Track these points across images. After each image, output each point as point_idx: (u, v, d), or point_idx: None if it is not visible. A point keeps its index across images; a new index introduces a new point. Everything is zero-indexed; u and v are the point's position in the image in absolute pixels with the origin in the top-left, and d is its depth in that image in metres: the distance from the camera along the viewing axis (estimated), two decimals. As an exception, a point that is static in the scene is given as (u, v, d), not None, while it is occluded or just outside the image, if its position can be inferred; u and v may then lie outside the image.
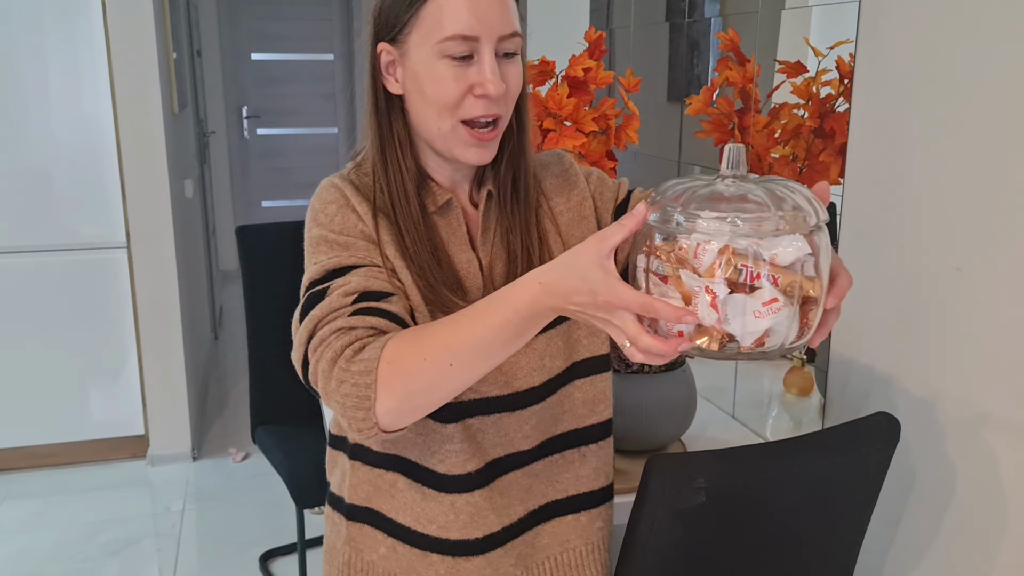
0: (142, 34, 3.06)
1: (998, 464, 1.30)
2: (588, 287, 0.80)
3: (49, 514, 2.98)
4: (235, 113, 5.89)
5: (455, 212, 1.08)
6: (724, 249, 0.75)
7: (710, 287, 0.76)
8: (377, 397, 0.88)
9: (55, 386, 3.24)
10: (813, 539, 1.30)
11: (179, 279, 3.28)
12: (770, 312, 0.76)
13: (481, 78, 0.98)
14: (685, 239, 0.77)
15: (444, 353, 0.87)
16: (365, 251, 1.00)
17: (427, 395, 0.90)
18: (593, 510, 1.20)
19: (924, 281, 1.41)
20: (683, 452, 1.67)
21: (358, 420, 0.90)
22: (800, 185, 0.81)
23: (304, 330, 0.96)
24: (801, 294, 0.77)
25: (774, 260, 0.76)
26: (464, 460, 1.08)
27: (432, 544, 1.11)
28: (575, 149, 1.76)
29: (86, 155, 3.12)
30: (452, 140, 1.02)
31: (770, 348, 0.78)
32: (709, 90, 2.09)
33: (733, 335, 0.77)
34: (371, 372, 0.88)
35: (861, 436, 1.27)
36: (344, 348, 0.91)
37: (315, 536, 2.69)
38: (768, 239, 0.75)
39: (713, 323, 0.77)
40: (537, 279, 0.84)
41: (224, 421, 3.74)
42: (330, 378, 0.90)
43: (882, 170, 1.50)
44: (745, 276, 0.75)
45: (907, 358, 1.46)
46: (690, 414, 1.70)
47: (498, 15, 0.97)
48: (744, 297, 0.76)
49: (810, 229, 0.77)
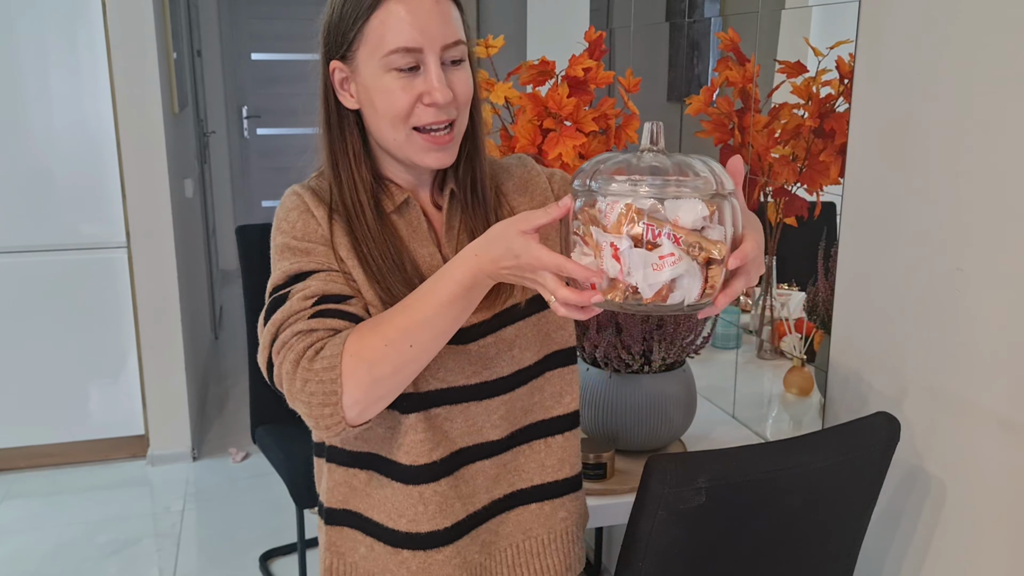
0: (142, 34, 3.06)
1: (998, 464, 1.30)
2: (513, 252, 0.90)
3: (49, 514, 2.98)
4: (235, 113, 5.89)
5: (414, 210, 1.12)
6: (628, 207, 0.84)
7: (614, 242, 0.84)
8: (343, 391, 0.94)
9: (55, 386, 3.24)
10: (813, 539, 1.30)
11: (179, 279, 3.28)
12: (668, 264, 0.83)
13: (428, 87, 1.02)
14: (599, 201, 0.86)
15: (403, 336, 0.95)
16: (324, 256, 1.05)
17: (392, 380, 0.97)
18: (556, 500, 1.21)
19: (924, 281, 1.41)
20: (683, 452, 1.67)
21: (325, 417, 0.95)
22: (712, 160, 0.90)
23: (267, 333, 1.01)
24: (703, 255, 0.84)
25: (676, 222, 0.84)
26: (429, 449, 1.10)
27: (403, 540, 1.13)
28: (575, 149, 1.76)
29: (86, 155, 3.12)
30: (409, 148, 1.06)
31: (672, 302, 0.85)
32: (709, 90, 2.09)
33: (637, 287, 0.84)
34: (335, 368, 0.94)
35: (861, 436, 1.27)
36: (306, 349, 0.96)
37: (315, 536, 2.69)
38: (671, 201, 0.84)
39: (617, 274, 0.84)
40: (472, 252, 0.93)
41: (224, 421, 3.74)
42: (294, 379, 0.96)
43: (882, 170, 1.50)
44: (647, 232, 0.83)
45: (907, 358, 1.46)
46: (690, 414, 1.70)
47: (439, 25, 1.01)
48: (644, 251, 0.83)
49: (711, 195, 0.85)
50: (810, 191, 1.92)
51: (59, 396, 3.25)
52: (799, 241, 2.01)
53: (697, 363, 1.82)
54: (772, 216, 2.04)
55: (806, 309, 1.97)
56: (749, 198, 2.05)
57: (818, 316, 1.90)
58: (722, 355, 2.20)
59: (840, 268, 1.63)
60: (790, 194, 1.97)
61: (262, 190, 6.06)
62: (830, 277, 1.79)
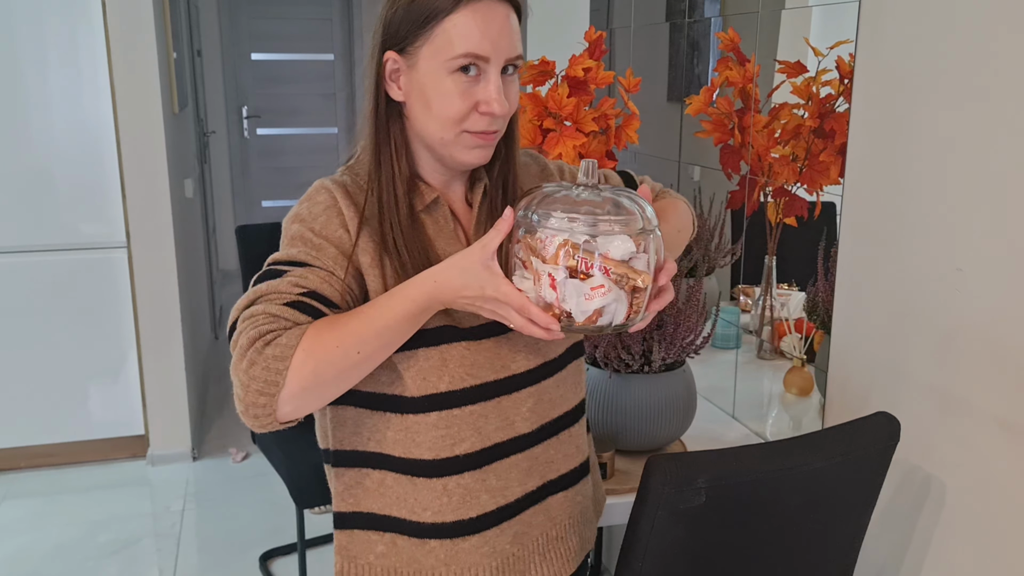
0: (142, 34, 3.06)
1: (998, 464, 1.30)
2: (478, 284, 0.97)
3: (49, 514, 2.98)
4: (235, 113, 5.89)
5: (442, 209, 1.13)
6: (565, 242, 0.94)
7: (551, 272, 0.95)
8: (285, 383, 0.95)
9: (55, 386, 3.24)
10: (813, 539, 1.30)
11: (179, 279, 3.27)
12: (598, 295, 0.95)
13: (487, 97, 1.04)
14: (541, 233, 0.96)
15: (355, 341, 0.98)
16: (333, 260, 1.05)
17: (332, 384, 0.99)
18: (576, 485, 1.25)
19: (924, 281, 1.41)
20: (683, 452, 1.67)
21: (258, 406, 0.95)
22: (638, 197, 1.01)
23: (246, 297, 1.02)
24: (630, 283, 0.96)
25: (607, 255, 0.94)
26: (451, 444, 1.11)
27: (429, 530, 1.14)
28: (575, 149, 1.76)
29: (86, 155, 3.12)
30: (454, 146, 1.08)
31: (602, 324, 0.97)
32: (709, 90, 2.09)
33: (570, 312, 0.96)
34: (286, 359, 0.95)
35: (861, 436, 1.27)
36: (265, 333, 0.96)
37: (315, 536, 2.70)
38: (603, 237, 0.94)
39: (553, 301, 0.96)
40: (433, 277, 0.99)
41: (224, 421, 3.74)
42: (243, 357, 0.96)
43: (882, 170, 1.50)
44: (580, 264, 0.94)
45: (907, 358, 1.46)
46: (690, 414, 1.70)
47: (508, 38, 1.04)
48: (577, 281, 0.95)
49: (638, 231, 0.96)
50: (810, 191, 1.92)
51: (59, 396, 3.25)
52: (799, 241, 2.01)
53: (697, 363, 1.82)
54: (772, 216, 2.04)
55: (806, 309, 1.98)
56: (749, 198, 2.05)
57: (818, 316, 1.90)
58: (722, 355, 2.21)
59: (840, 268, 1.63)
60: (790, 194, 1.97)
61: (262, 190, 6.06)
62: (830, 277, 1.79)
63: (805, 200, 1.96)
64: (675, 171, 2.38)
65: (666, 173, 2.41)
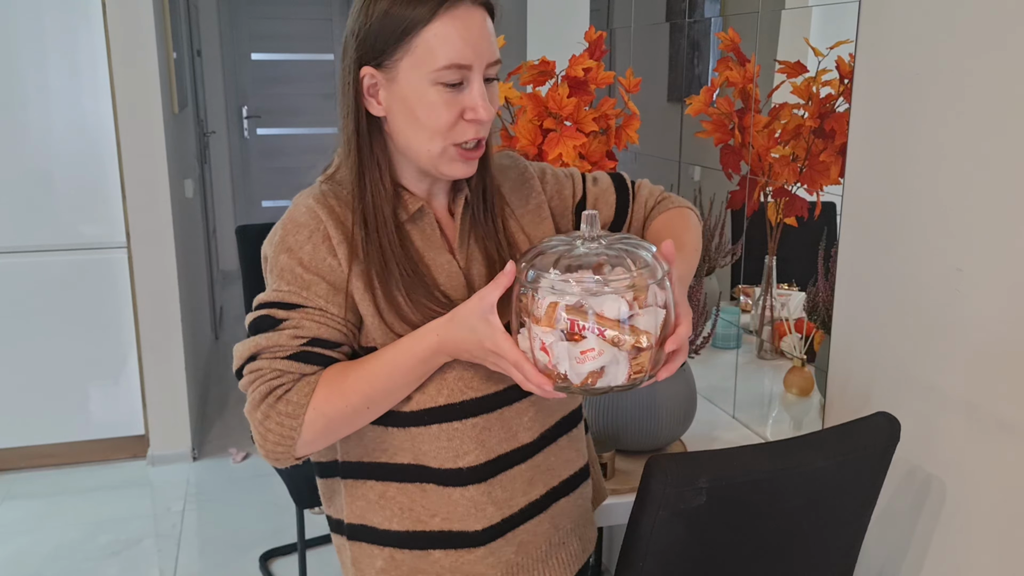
0: (142, 34, 3.06)
1: (998, 464, 1.30)
2: (476, 337, 0.98)
3: (49, 514, 2.98)
4: (235, 113, 5.89)
5: (428, 219, 1.12)
6: (553, 305, 0.92)
7: (541, 336, 0.93)
8: (300, 436, 1.03)
9: (55, 386, 3.24)
10: (813, 539, 1.30)
11: (179, 279, 3.27)
12: (589, 359, 0.92)
13: (473, 103, 1.03)
14: (534, 291, 0.94)
15: (362, 399, 1.04)
16: (324, 295, 1.05)
17: (343, 430, 1.07)
18: (577, 489, 1.24)
19: (924, 281, 1.41)
20: (683, 452, 1.67)
21: (277, 452, 1.05)
22: (645, 244, 0.98)
23: (247, 348, 1.05)
24: (630, 344, 0.92)
25: (602, 314, 0.91)
26: (454, 457, 1.11)
27: (434, 540, 1.13)
28: (575, 149, 1.76)
29: (86, 155, 3.12)
30: (441, 160, 1.06)
31: (600, 386, 0.94)
32: (709, 90, 2.09)
33: (565, 374, 0.94)
34: (299, 416, 1.03)
35: (861, 436, 1.27)
36: (275, 388, 1.03)
37: (315, 536, 2.70)
38: (597, 297, 0.92)
39: (546, 364, 0.94)
40: (435, 332, 1.01)
41: (224, 421, 3.73)
42: (256, 408, 1.04)
43: (882, 170, 1.50)
44: (571, 327, 0.91)
45: (907, 358, 1.46)
46: (690, 414, 1.70)
47: (487, 43, 1.04)
48: (567, 344, 0.92)
49: (632, 286, 0.93)
50: (810, 191, 1.92)
51: (59, 396, 3.25)
52: (799, 241, 2.01)
53: (697, 363, 1.83)
54: (772, 216, 2.04)
55: (806, 309, 1.98)
56: (749, 198, 2.05)
57: (818, 316, 1.90)
58: (722, 355, 2.21)
59: (840, 268, 1.63)
60: (790, 194, 1.97)
61: (262, 190, 6.06)
62: (830, 277, 1.79)
63: (805, 200, 1.96)
64: (675, 171, 2.38)
65: (666, 173, 2.41)
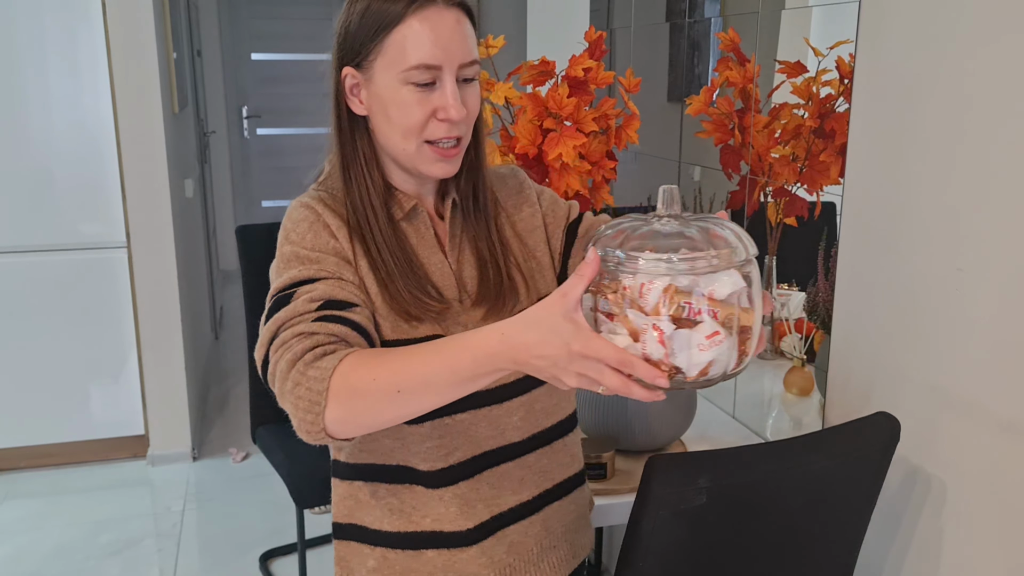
0: (142, 34, 3.06)
1: (998, 464, 1.30)
2: (561, 340, 0.82)
3: (49, 514, 2.98)
4: (235, 113, 5.89)
5: (422, 217, 1.13)
6: (668, 288, 0.80)
7: (657, 324, 0.81)
8: (327, 404, 0.91)
9: (55, 386, 3.24)
10: (813, 539, 1.30)
11: (179, 279, 3.27)
12: (712, 344, 0.82)
13: (444, 103, 1.04)
14: (629, 279, 0.82)
15: (393, 378, 0.90)
16: (334, 266, 1.05)
17: (370, 414, 0.93)
18: (571, 495, 1.25)
19: (924, 281, 1.41)
20: (684, 452, 1.67)
21: (307, 423, 0.93)
22: (731, 223, 0.88)
23: (267, 331, 1.00)
24: (739, 325, 0.83)
25: (712, 295, 0.81)
26: (445, 454, 1.11)
27: (427, 540, 1.14)
28: (575, 149, 1.76)
29: (86, 155, 3.12)
30: (417, 158, 1.07)
31: (713, 376, 0.84)
32: (709, 90, 2.09)
33: (680, 367, 0.82)
34: (324, 380, 0.91)
35: (861, 436, 1.27)
36: (304, 352, 0.94)
37: (315, 536, 2.70)
38: (706, 276, 0.81)
39: (662, 357, 0.82)
40: (500, 330, 0.86)
41: (224, 421, 3.74)
42: (287, 379, 0.94)
43: (882, 170, 1.50)
44: (688, 312, 0.81)
45: (907, 358, 1.46)
46: (690, 414, 1.70)
47: (459, 44, 1.04)
48: (688, 332, 0.81)
49: (741, 263, 0.83)
50: (810, 191, 1.92)
51: (59, 396, 3.25)
52: (799, 241, 2.01)
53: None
54: (772, 216, 2.04)
55: (806, 309, 1.97)
56: (749, 198, 2.05)
57: (818, 316, 1.90)
58: (722, 355, 2.20)
59: (840, 268, 1.63)
60: (790, 194, 1.97)
61: (262, 190, 6.06)
62: (830, 277, 1.79)
63: (805, 200, 1.95)
64: (675, 171, 2.38)
65: (666, 173, 2.41)
